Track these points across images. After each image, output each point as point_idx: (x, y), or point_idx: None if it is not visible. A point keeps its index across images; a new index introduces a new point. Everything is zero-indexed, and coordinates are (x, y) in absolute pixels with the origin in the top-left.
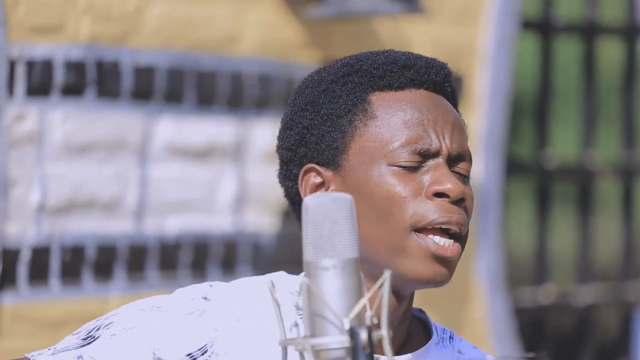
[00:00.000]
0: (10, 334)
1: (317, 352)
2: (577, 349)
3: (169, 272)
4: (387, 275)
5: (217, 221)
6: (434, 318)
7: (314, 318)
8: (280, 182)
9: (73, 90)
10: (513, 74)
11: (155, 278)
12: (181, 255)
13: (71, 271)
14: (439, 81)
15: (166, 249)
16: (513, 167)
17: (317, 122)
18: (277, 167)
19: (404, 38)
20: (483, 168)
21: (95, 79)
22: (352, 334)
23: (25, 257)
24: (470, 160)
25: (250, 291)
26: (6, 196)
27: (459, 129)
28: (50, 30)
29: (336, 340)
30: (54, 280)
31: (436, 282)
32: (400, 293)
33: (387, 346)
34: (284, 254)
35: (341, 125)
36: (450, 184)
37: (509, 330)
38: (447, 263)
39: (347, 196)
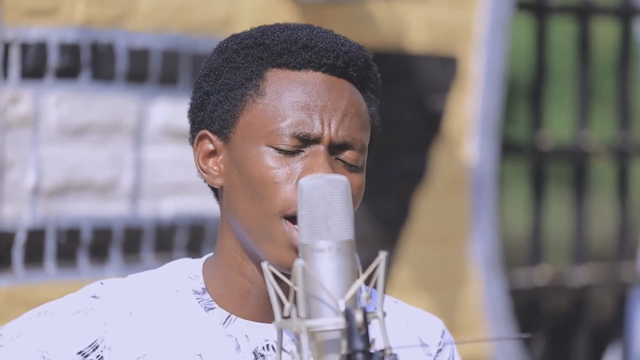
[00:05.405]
0: (6, 316)
1: (312, 334)
2: (572, 330)
3: (164, 254)
4: (382, 257)
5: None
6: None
7: (309, 300)
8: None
9: (68, 72)
10: (508, 56)
11: (151, 260)
12: (177, 238)
13: (67, 254)
14: (340, 65)
15: (162, 232)
16: (508, 149)
17: (215, 89)
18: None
19: (399, 20)
20: (478, 150)
21: (90, 62)
22: (348, 315)
23: (20, 240)
24: (361, 150)
25: (144, 284)
26: (1, 179)
27: (352, 117)
28: (45, 13)
29: (331, 321)
30: (50, 263)
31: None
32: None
33: (383, 328)
34: None
35: (234, 97)
36: (321, 173)
37: (505, 311)
38: None
39: (343, 178)
